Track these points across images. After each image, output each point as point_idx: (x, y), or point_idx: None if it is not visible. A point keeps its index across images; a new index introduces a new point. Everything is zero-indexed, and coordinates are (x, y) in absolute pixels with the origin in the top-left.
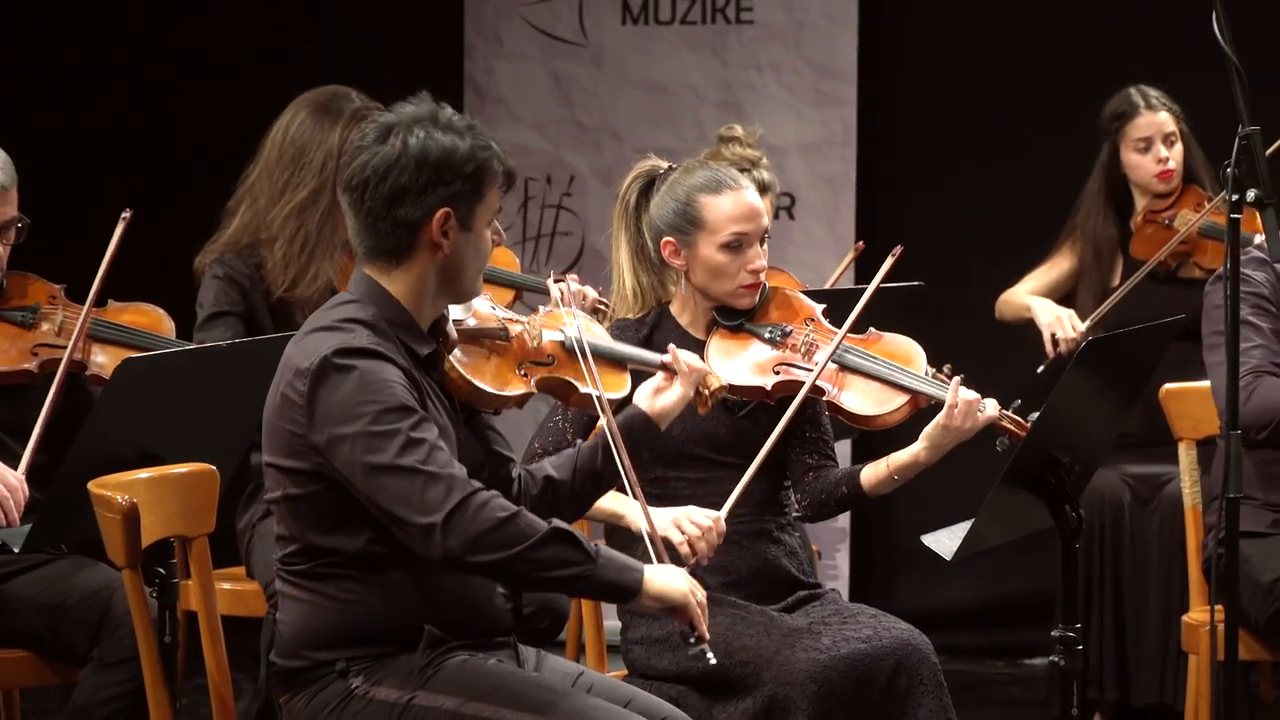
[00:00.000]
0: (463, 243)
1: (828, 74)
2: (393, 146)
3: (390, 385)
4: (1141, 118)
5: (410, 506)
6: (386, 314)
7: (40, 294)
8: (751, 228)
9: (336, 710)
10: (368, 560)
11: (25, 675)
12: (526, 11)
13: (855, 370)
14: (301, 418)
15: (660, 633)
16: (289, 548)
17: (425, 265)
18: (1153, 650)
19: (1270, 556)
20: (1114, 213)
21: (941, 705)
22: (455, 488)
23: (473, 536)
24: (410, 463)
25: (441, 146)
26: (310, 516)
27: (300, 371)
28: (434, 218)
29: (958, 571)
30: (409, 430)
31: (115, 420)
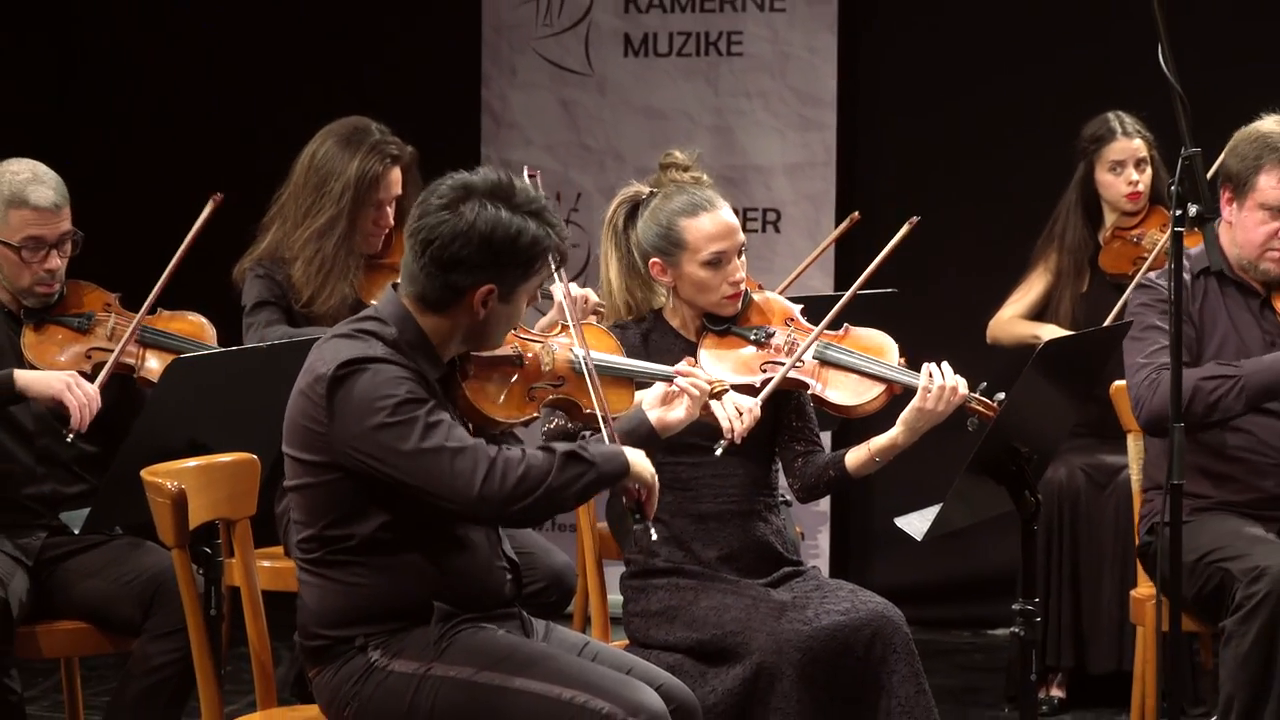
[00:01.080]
0: (498, 312)
1: (810, 101)
2: (463, 218)
3: (401, 381)
4: (1117, 142)
5: (445, 485)
6: (407, 337)
7: (96, 302)
8: (729, 244)
9: (359, 682)
10: (374, 548)
11: (84, 645)
12: (538, 45)
13: (835, 365)
14: (322, 417)
15: (659, 606)
16: (302, 533)
17: (459, 320)
18: (1109, 623)
19: (1191, 539)
20: (1086, 223)
21: (913, 671)
22: (479, 457)
23: (507, 495)
24: (434, 444)
25: (507, 231)
26: (324, 505)
27: (319, 376)
28: (479, 290)
29: (927, 551)
30: (426, 416)
31: (166, 414)
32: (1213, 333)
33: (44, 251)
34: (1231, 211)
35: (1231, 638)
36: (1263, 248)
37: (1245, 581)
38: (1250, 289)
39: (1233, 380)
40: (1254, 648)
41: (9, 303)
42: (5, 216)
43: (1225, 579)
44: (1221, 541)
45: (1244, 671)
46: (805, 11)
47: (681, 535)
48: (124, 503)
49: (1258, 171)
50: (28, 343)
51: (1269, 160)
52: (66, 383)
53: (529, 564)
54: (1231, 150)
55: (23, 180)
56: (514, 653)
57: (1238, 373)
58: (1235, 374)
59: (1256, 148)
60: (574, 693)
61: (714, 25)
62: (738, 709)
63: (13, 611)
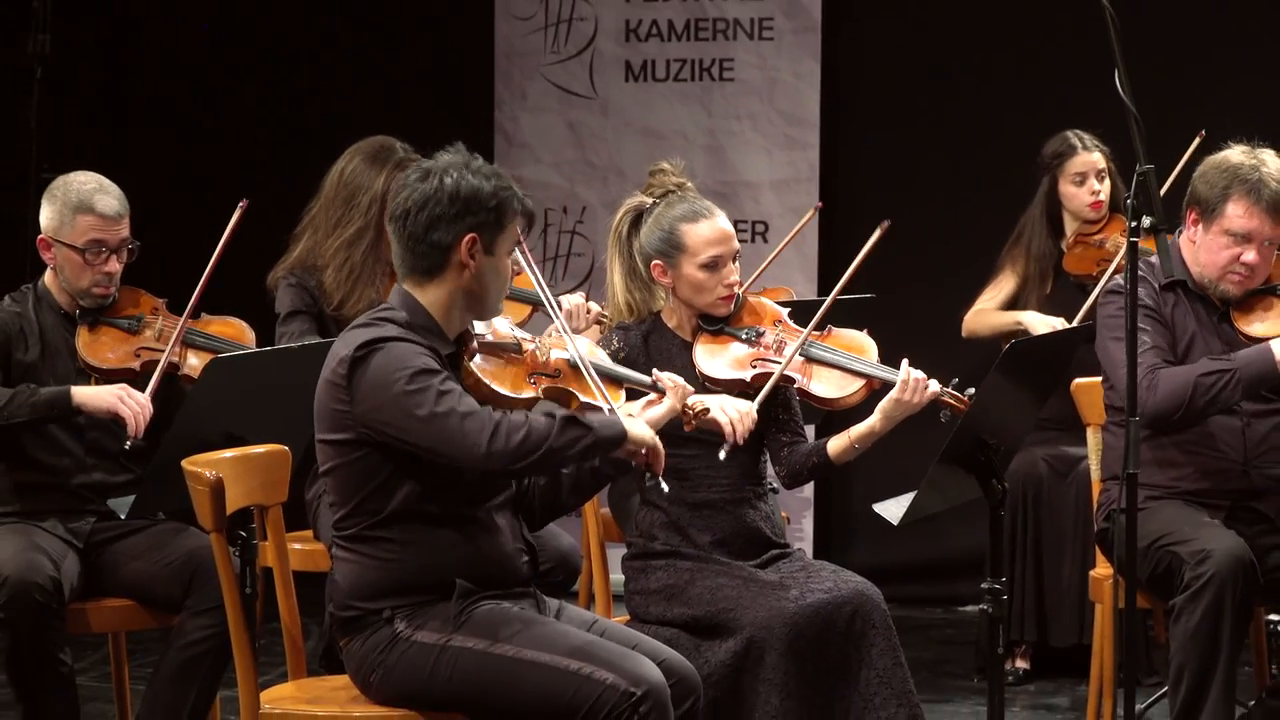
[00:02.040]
0: (486, 265)
1: (795, 122)
2: (431, 185)
3: (415, 355)
4: (1078, 157)
5: (456, 444)
6: (417, 320)
7: (146, 306)
8: (725, 249)
9: (385, 650)
10: (404, 523)
11: (130, 620)
12: (546, 70)
13: (820, 362)
14: (345, 395)
15: (657, 585)
16: (338, 513)
17: (454, 283)
18: (1070, 600)
19: (1144, 525)
20: (1050, 233)
21: (890, 645)
22: (486, 419)
23: (511, 452)
24: (446, 408)
25: (471, 185)
26: (354, 480)
27: (342, 359)
28: (463, 241)
29: (903, 534)
30: (438, 385)
31: (205, 409)
32: (1182, 338)
33: (105, 255)
34: (1196, 232)
35: (1181, 614)
36: (1224, 269)
37: (1193, 563)
38: (1210, 302)
39: (1229, 374)
40: (1201, 623)
41: (66, 305)
42: (72, 221)
43: (1174, 561)
44: (1171, 527)
45: (1193, 645)
46: (791, 41)
47: (678, 521)
48: (166, 490)
49: (1226, 200)
50: (82, 342)
51: (1237, 191)
52: (119, 395)
53: (539, 546)
54: (1201, 176)
55: (89, 189)
56: (527, 628)
57: (1232, 366)
58: (1230, 367)
59: (1226, 177)
60: (581, 664)
61: (708, 53)
62: (730, 679)
63: (64, 590)
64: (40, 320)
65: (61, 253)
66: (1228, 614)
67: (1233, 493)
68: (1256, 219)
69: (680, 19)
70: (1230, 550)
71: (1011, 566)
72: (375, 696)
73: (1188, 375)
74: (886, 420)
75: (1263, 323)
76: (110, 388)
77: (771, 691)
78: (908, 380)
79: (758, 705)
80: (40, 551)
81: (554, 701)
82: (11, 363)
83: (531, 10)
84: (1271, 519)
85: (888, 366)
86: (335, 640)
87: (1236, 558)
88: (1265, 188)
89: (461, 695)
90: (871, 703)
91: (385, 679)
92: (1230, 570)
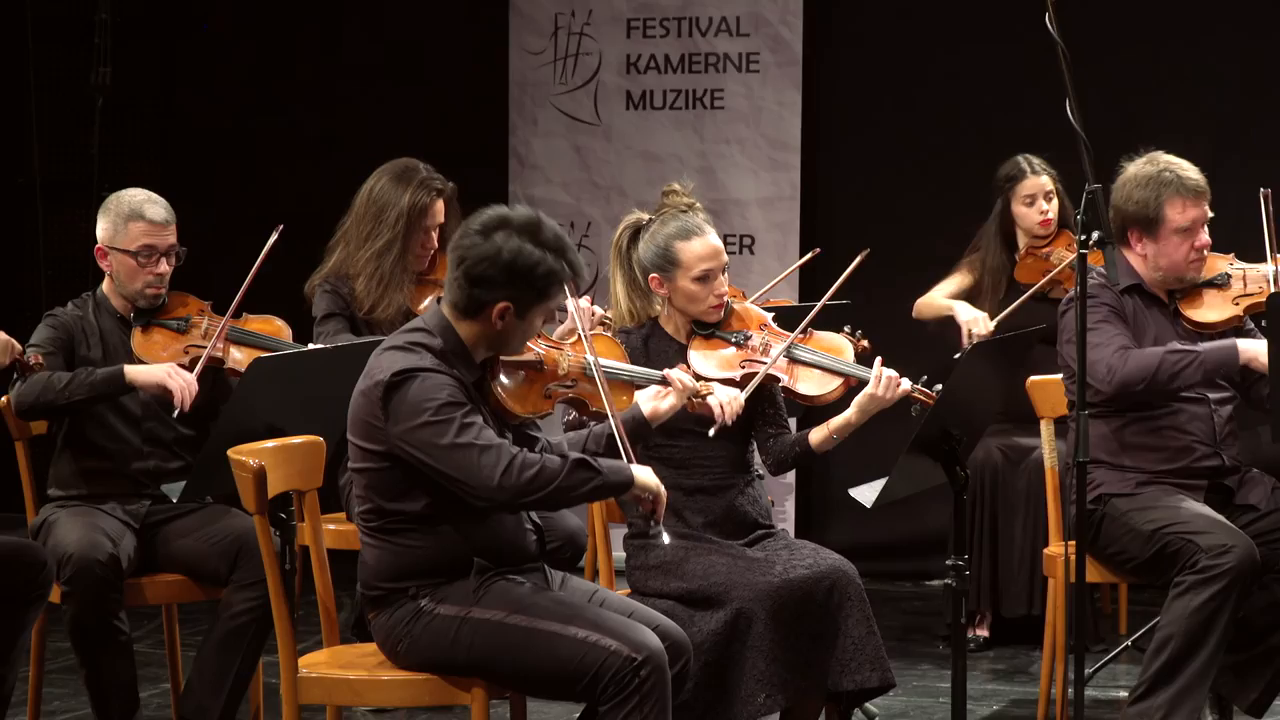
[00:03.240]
0: (513, 327)
1: (779, 146)
2: (493, 244)
3: (443, 388)
4: (1028, 180)
5: (472, 475)
6: (449, 345)
7: (193, 308)
8: (716, 263)
9: (410, 622)
10: (424, 519)
11: (181, 594)
12: (555, 100)
13: (802, 362)
14: (380, 413)
15: (655, 562)
16: (363, 506)
17: (483, 328)
18: (1019, 575)
19: (1145, 511)
20: (1004, 248)
21: (865, 615)
22: (502, 454)
23: (521, 488)
24: (466, 440)
25: (525, 261)
26: (380, 486)
27: (378, 382)
28: (496, 306)
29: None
30: (461, 418)
31: (249, 404)
32: (1141, 337)
33: (155, 258)
34: (1144, 246)
35: (1187, 590)
36: (1187, 261)
37: (1212, 554)
38: (1162, 302)
39: (1193, 355)
40: (1206, 604)
41: (121, 309)
42: (125, 229)
43: (1186, 548)
44: (1182, 517)
45: (1190, 620)
46: (776, 73)
47: (674, 504)
48: (214, 476)
49: (1162, 207)
50: (136, 342)
51: (1167, 194)
52: (167, 371)
53: (548, 527)
54: (1126, 199)
55: (140, 201)
56: (538, 600)
57: (1197, 349)
58: (1195, 350)
59: (1151, 190)
60: (587, 632)
61: (700, 84)
62: (721, 646)
63: (123, 566)
64: (100, 323)
65: (117, 258)
66: (1231, 604)
67: (1208, 471)
68: (1192, 208)
69: (675, 53)
70: (1248, 550)
71: (969, 545)
72: (401, 663)
73: (1156, 352)
74: (862, 414)
75: (1209, 310)
76: (160, 365)
77: (758, 657)
78: (880, 378)
79: (746, 669)
80: (101, 531)
81: (563, 666)
82: (75, 360)
83: (542, 46)
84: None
85: (863, 366)
86: (365, 612)
87: (1252, 559)
88: (1186, 180)
89: (480, 662)
90: (848, 667)
91: (411, 648)
92: (1248, 567)
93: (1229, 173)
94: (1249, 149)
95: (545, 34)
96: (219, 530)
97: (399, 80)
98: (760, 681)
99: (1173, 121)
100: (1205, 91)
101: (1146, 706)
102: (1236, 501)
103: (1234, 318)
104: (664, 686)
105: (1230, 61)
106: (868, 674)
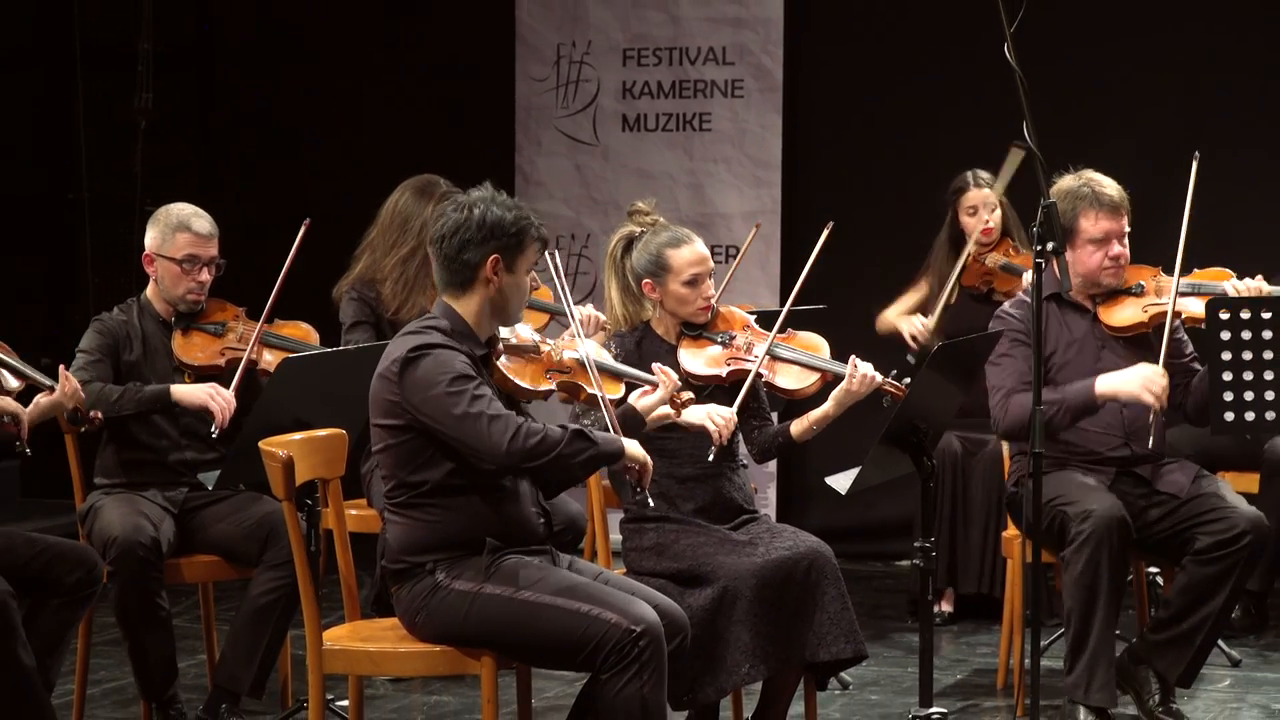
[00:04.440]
0: (508, 281)
1: (761, 165)
2: (462, 214)
3: (456, 361)
4: (971, 192)
5: (482, 440)
6: (456, 327)
7: (229, 313)
8: (703, 269)
9: (428, 597)
10: (444, 493)
11: (216, 573)
12: (558, 122)
13: (783, 359)
14: (396, 388)
15: (649, 544)
16: (389, 484)
17: (482, 295)
18: (977, 556)
19: (1045, 488)
20: (954, 254)
21: (840, 593)
22: (510, 422)
23: (527, 453)
24: (478, 409)
25: (495, 215)
26: (402, 459)
27: (396, 359)
28: (488, 261)
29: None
30: (473, 390)
31: (278, 400)
32: (1057, 344)
33: (198, 267)
34: (1066, 254)
35: (1069, 564)
36: (1100, 268)
37: (1077, 520)
38: (1082, 308)
39: (1059, 404)
40: (1084, 572)
41: (164, 313)
42: (173, 238)
43: (1063, 519)
44: (1062, 490)
45: (1078, 590)
46: (758, 98)
47: (667, 492)
48: (246, 466)
49: (1077, 219)
50: (177, 344)
51: (1081, 206)
52: (209, 393)
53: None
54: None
55: (187, 214)
56: (545, 577)
57: (1061, 396)
58: (1060, 398)
59: (1070, 202)
60: (590, 607)
61: (689, 108)
62: (709, 621)
63: (163, 548)
64: (143, 326)
65: (162, 265)
66: (1105, 563)
67: (1117, 460)
68: (1106, 220)
69: (667, 80)
70: (1108, 509)
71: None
72: (419, 635)
73: (1026, 406)
74: (838, 406)
75: (1123, 314)
76: (202, 386)
77: (743, 630)
78: (854, 373)
79: (731, 642)
80: (143, 516)
81: (568, 637)
82: (120, 362)
83: (545, 74)
84: (1149, 482)
85: (839, 362)
86: (386, 588)
87: (1112, 516)
88: (1102, 195)
89: (491, 633)
90: (824, 640)
91: (428, 621)
92: (1106, 527)
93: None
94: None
95: (548, 63)
96: (250, 515)
97: (417, 104)
98: (745, 653)
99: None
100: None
101: (1075, 678)
102: (1157, 488)
103: (1141, 324)
104: (660, 657)
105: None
106: (842, 646)
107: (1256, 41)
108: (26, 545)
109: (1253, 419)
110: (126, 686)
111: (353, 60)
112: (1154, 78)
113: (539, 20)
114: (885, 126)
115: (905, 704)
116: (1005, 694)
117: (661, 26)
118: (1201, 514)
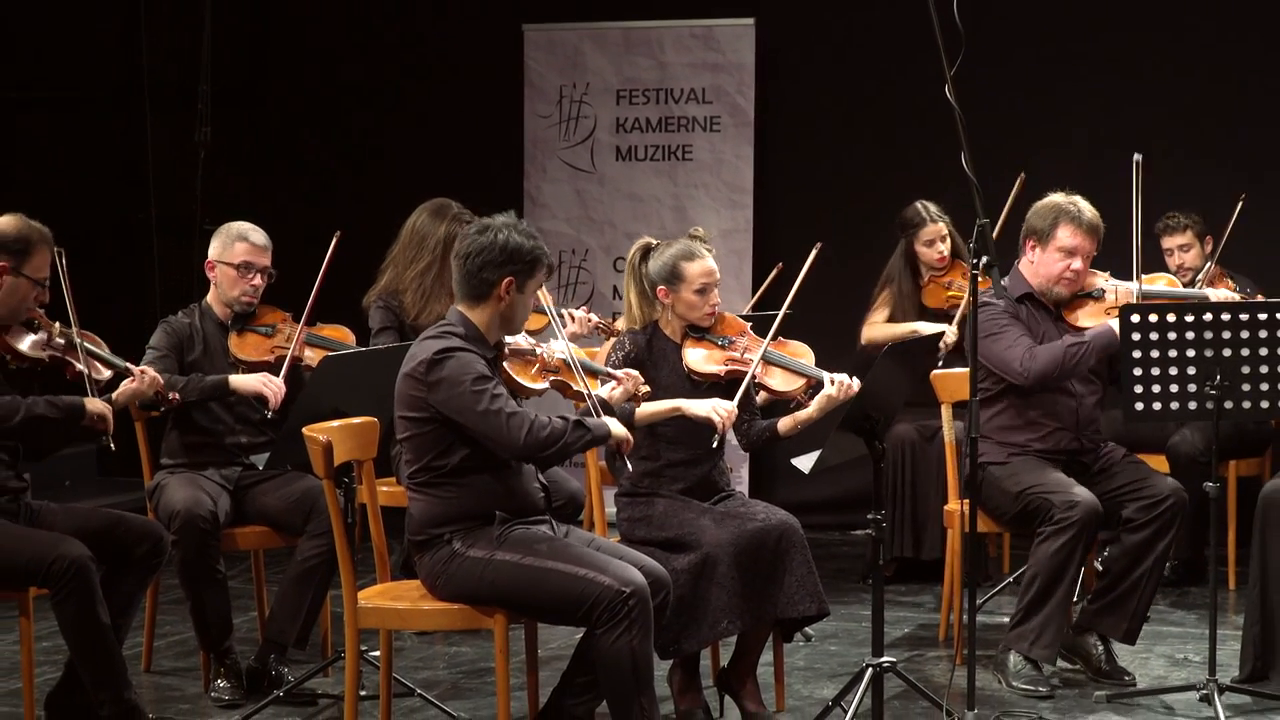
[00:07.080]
0: (517, 299)
1: (736, 189)
2: (487, 238)
3: (476, 364)
4: (928, 227)
5: (501, 434)
6: (469, 333)
7: (278, 317)
8: (711, 280)
9: (447, 563)
10: (459, 473)
11: (266, 541)
12: (560, 153)
13: (774, 363)
14: (423, 386)
15: (640, 515)
16: (412, 467)
17: (494, 309)
18: (933, 526)
19: (1012, 476)
20: (913, 278)
21: (805, 559)
22: (525, 419)
23: (539, 444)
24: (497, 407)
25: (515, 243)
26: (425, 446)
27: (421, 360)
28: (503, 282)
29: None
30: (492, 389)
31: (319, 392)
32: (1035, 333)
33: (252, 274)
34: (1035, 254)
35: (1047, 539)
36: (1059, 276)
37: (1063, 507)
38: (1048, 309)
39: (1086, 344)
40: (1061, 548)
41: (222, 316)
42: (233, 247)
43: (1044, 504)
44: (1042, 480)
45: (1051, 560)
46: (734, 132)
47: (657, 472)
48: (292, 449)
49: (1056, 227)
50: (233, 343)
51: (1062, 220)
52: (263, 381)
53: (555, 488)
54: (1035, 213)
55: (246, 228)
56: (549, 544)
57: (1086, 339)
58: (1085, 340)
59: (1054, 211)
60: (585, 570)
61: (674, 141)
62: (692, 583)
63: (220, 520)
64: (204, 328)
65: (222, 270)
66: (1080, 547)
67: (1068, 451)
68: (1078, 238)
69: (655, 117)
70: (1091, 503)
71: (892, 503)
72: (439, 595)
73: (1059, 347)
74: (820, 411)
75: (1086, 317)
76: (256, 375)
77: (721, 592)
78: (834, 381)
79: (712, 601)
80: (203, 492)
81: (567, 597)
82: (183, 360)
83: (549, 111)
84: (1091, 470)
85: (822, 370)
86: (411, 556)
87: (1094, 510)
88: (1083, 216)
89: (502, 594)
90: (792, 599)
91: (447, 584)
92: (1091, 517)
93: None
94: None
95: (552, 101)
96: (295, 491)
97: (439, 137)
98: (723, 610)
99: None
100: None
101: (1023, 630)
102: (1094, 469)
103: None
104: (647, 613)
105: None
106: (808, 604)
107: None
108: (104, 520)
109: (1159, 408)
110: (188, 639)
111: (381, 99)
112: (1095, 81)
113: (544, 65)
114: (843, 157)
115: (860, 654)
116: (946, 645)
117: (650, 71)
118: (1128, 484)
